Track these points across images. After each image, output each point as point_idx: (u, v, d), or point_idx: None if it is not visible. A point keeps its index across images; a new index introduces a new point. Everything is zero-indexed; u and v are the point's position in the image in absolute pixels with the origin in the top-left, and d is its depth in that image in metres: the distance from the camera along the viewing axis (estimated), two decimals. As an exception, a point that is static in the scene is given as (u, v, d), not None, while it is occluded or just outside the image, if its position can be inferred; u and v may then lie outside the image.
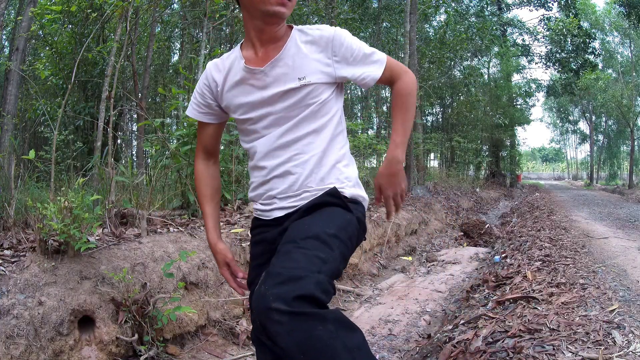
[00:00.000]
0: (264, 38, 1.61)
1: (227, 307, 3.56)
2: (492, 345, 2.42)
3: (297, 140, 1.61)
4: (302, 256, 1.35)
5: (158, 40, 13.84)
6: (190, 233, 3.81)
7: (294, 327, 1.20)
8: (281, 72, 1.59)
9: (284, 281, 1.26)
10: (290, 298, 1.22)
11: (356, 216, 1.60)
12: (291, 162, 1.61)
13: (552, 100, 40.42)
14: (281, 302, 1.21)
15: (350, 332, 1.29)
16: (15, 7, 12.83)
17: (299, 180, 1.60)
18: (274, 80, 1.59)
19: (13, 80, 8.92)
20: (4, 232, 3.13)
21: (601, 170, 43.36)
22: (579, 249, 4.80)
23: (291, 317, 1.20)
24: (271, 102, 1.60)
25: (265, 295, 1.25)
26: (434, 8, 16.26)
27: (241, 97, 1.65)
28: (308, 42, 1.60)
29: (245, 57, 1.64)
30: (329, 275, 1.34)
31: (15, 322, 2.30)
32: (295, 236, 1.44)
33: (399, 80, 1.71)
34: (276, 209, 1.65)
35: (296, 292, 1.23)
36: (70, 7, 8.57)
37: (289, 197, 1.63)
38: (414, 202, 9.94)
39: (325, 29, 1.61)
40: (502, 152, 28.03)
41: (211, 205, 1.83)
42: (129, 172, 4.69)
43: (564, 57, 25.34)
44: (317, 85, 1.59)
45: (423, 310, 4.27)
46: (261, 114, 1.62)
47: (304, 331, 1.21)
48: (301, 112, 1.60)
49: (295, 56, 1.59)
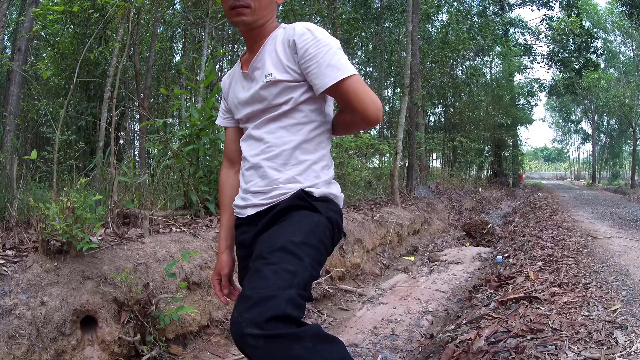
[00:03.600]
0: (248, 44, 1.68)
1: (230, 307, 3.56)
2: (495, 345, 2.41)
3: (269, 132, 1.62)
4: (271, 273, 1.34)
5: (160, 40, 13.87)
6: (193, 233, 3.81)
7: (271, 350, 1.21)
8: (258, 73, 1.62)
9: (254, 304, 1.26)
10: (263, 321, 1.22)
11: (326, 215, 1.56)
12: (263, 154, 1.62)
13: (554, 100, 40.33)
14: (254, 327, 1.21)
15: (329, 345, 1.30)
16: (17, 7, 12.84)
17: (268, 174, 1.61)
18: (254, 81, 1.64)
19: (15, 80, 8.94)
20: (6, 233, 3.14)
21: (603, 170, 43.26)
22: (582, 249, 4.79)
23: (266, 341, 1.21)
24: (251, 101, 1.64)
25: (238, 321, 1.25)
26: (436, 8, 16.23)
27: (236, 98, 1.72)
28: (283, 40, 1.59)
29: (243, 61, 1.72)
30: (301, 287, 1.34)
31: (18, 322, 2.30)
32: (263, 250, 1.44)
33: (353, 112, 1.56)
34: (249, 206, 1.66)
35: (267, 314, 1.23)
36: (73, 8, 8.59)
37: (260, 193, 1.63)
38: (416, 202, 9.93)
39: (299, 25, 1.57)
40: (505, 152, 27.98)
41: (226, 215, 1.85)
42: (131, 172, 4.70)
43: (566, 57, 25.24)
44: (284, 83, 1.57)
45: (425, 310, 4.27)
46: (247, 113, 1.68)
47: (281, 352, 1.21)
48: (275, 110, 1.60)
49: (268, 55, 1.60)
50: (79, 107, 10.25)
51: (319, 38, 1.53)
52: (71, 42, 10.20)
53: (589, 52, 24.46)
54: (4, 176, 3.68)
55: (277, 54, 1.58)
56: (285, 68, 1.57)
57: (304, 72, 1.55)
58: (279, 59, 1.57)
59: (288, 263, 1.37)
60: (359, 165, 10.94)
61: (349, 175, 8.96)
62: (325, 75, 1.53)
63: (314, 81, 1.55)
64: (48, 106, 9.57)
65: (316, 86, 1.55)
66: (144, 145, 10.73)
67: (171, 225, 4.00)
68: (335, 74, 1.52)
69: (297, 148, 1.60)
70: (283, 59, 1.57)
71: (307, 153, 1.62)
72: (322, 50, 1.52)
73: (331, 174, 1.68)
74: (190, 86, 7.84)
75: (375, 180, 10.56)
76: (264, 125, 1.63)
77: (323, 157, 1.66)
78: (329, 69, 1.52)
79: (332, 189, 1.65)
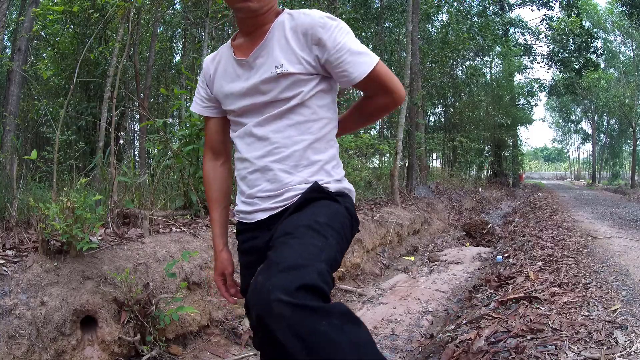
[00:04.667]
0: (246, 30, 1.56)
1: (230, 307, 3.57)
2: (495, 345, 2.41)
3: (277, 131, 1.50)
4: (299, 245, 1.25)
5: (160, 40, 13.86)
6: (193, 233, 3.81)
7: (296, 321, 1.08)
8: (261, 62, 1.50)
9: (283, 269, 1.16)
10: (293, 288, 1.10)
11: (344, 206, 1.51)
12: (271, 156, 1.51)
13: (555, 100, 40.36)
14: (282, 292, 1.10)
15: (357, 327, 1.17)
16: (17, 7, 12.85)
17: (278, 177, 1.50)
18: (255, 71, 1.51)
19: (15, 80, 8.94)
20: (6, 233, 3.14)
21: (603, 170, 43.26)
22: (582, 249, 4.79)
23: (294, 311, 1.08)
24: (251, 92, 1.52)
25: (264, 286, 1.13)
26: (436, 8, 16.23)
27: (227, 87, 1.59)
28: (292, 28, 1.47)
29: (235, 46, 1.59)
30: (328, 264, 1.24)
31: (18, 322, 2.30)
32: (285, 229, 1.35)
33: (370, 98, 1.59)
34: (258, 210, 1.55)
35: (298, 282, 1.12)
36: (72, 8, 8.58)
37: (270, 198, 1.52)
38: (416, 202, 9.93)
39: (314, 13, 1.46)
40: (505, 152, 27.99)
41: (218, 211, 1.72)
42: (131, 172, 4.70)
43: (566, 57, 25.27)
44: (296, 76, 1.47)
45: (425, 310, 4.27)
46: (244, 105, 1.54)
47: (307, 326, 1.09)
48: (282, 105, 1.49)
49: (276, 43, 1.48)
50: (79, 107, 10.25)
51: (340, 25, 1.46)
52: (71, 42, 10.19)
53: (589, 52, 24.50)
54: (4, 176, 3.68)
55: (289, 44, 1.47)
56: (300, 59, 1.46)
57: (332, 63, 1.46)
58: (291, 49, 1.47)
59: (315, 239, 1.29)
60: (359, 165, 10.93)
61: (349, 175, 8.96)
62: (360, 63, 1.46)
63: (349, 70, 1.46)
64: (48, 106, 9.57)
65: (351, 75, 1.46)
66: (144, 145, 10.73)
67: (171, 225, 4.00)
68: (370, 60, 1.46)
69: (308, 148, 1.51)
70: (296, 49, 1.46)
71: (318, 153, 1.53)
72: (349, 37, 1.46)
73: (342, 172, 1.62)
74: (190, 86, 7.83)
75: (375, 180, 10.56)
76: (269, 122, 1.51)
77: (334, 156, 1.59)
78: (361, 56, 1.46)
79: (345, 184, 1.59)
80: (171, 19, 14.59)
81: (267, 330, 1.12)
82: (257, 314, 1.14)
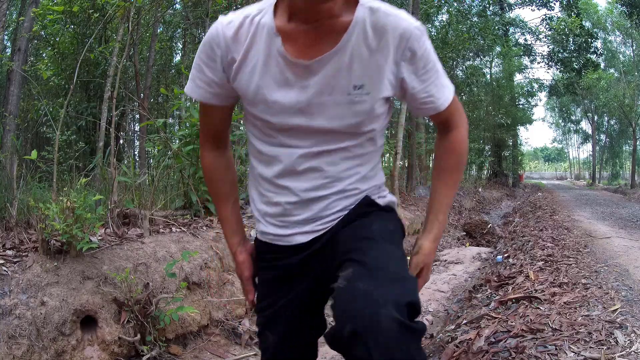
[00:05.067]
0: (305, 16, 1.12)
1: (230, 307, 3.57)
2: (495, 345, 2.41)
3: (332, 164, 1.23)
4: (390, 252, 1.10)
5: (160, 40, 13.85)
6: (193, 233, 3.81)
7: (397, 343, 0.95)
8: (331, 74, 1.14)
9: (392, 281, 1.01)
10: (403, 304, 0.97)
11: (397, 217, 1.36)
12: (321, 190, 1.25)
13: (554, 100, 40.39)
14: (394, 308, 0.95)
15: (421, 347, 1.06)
16: (17, 7, 12.85)
17: (329, 207, 1.27)
18: (320, 83, 1.14)
19: (15, 80, 8.95)
20: (6, 233, 3.14)
21: (603, 170, 43.27)
22: (582, 249, 4.79)
23: (400, 330, 0.95)
24: (309, 111, 1.17)
25: (371, 296, 0.98)
26: (436, 8, 16.25)
27: (271, 93, 1.18)
28: (376, 31, 1.11)
29: (284, 33, 1.14)
30: None
31: (18, 322, 2.30)
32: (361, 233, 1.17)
33: (456, 128, 1.30)
34: (298, 233, 1.29)
35: (407, 298, 0.99)
36: (73, 8, 8.59)
37: (310, 220, 1.28)
38: (416, 202, 9.93)
39: (404, 15, 1.14)
40: (505, 152, 28.04)
41: (228, 206, 1.44)
42: (131, 172, 4.70)
43: (566, 57, 25.32)
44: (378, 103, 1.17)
45: (425, 310, 4.26)
46: (294, 124, 1.19)
47: (404, 351, 0.96)
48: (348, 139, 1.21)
49: (356, 51, 1.12)
50: (79, 107, 10.25)
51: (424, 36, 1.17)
52: (71, 42, 10.19)
53: (589, 52, 24.54)
54: (4, 176, 3.68)
55: (374, 55, 1.13)
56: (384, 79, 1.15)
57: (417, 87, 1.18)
58: (375, 64, 1.13)
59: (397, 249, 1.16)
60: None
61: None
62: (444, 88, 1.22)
63: (436, 95, 1.20)
64: (48, 106, 9.57)
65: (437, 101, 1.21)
66: (144, 145, 10.73)
67: (171, 225, 4.00)
68: (449, 83, 1.24)
69: (360, 180, 1.28)
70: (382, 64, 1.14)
71: (368, 181, 1.31)
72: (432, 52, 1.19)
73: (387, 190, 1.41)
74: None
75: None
76: (325, 155, 1.22)
77: (382, 181, 1.38)
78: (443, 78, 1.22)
79: (392, 197, 1.40)
80: (171, 19, 14.59)
81: (365, 344, 0.96)
82: (359, 324, 0.97)
